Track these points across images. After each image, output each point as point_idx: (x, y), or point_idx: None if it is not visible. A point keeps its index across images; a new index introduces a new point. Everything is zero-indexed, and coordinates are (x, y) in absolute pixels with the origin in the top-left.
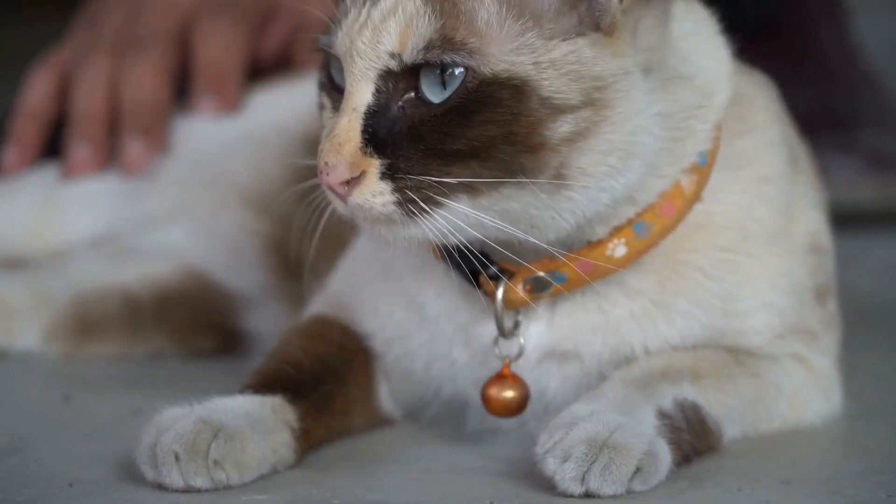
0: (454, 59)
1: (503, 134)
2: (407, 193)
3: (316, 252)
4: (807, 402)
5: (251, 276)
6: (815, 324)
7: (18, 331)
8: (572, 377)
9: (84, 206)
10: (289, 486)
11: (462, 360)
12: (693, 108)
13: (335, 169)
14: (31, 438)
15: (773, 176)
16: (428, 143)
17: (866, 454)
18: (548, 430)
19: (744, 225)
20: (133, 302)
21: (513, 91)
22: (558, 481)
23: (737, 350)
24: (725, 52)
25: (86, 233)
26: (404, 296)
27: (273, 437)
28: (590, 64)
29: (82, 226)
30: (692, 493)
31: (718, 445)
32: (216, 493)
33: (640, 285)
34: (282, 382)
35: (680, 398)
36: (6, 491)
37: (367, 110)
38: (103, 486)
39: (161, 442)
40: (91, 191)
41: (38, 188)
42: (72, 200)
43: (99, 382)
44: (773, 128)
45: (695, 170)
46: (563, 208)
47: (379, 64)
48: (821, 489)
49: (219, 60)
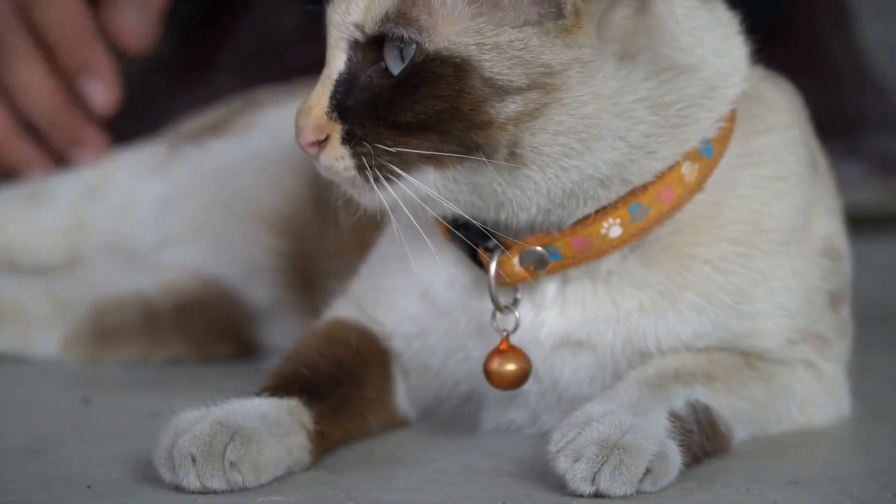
0: (404, 33)
1: (449, 109)
2: (363, 159)
3: (338, 259)
4: (816, 406)
5: (267, 290)
6: (827, 330)
7: (37, 338)
8: (586, 367)
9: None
10: (304, 488)
11: (476, 353)
12: (696, 97)
13: (303, 131)
14: (50, 441)
15: (788, 175)
16: (380, 114)
17: (873, 455)
18: (560, 429)
19: (757, 219)
20: (152, 310)
21: (454, 69)
22: (569, 481)
23: (749, 353)
24: (741, 50)
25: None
26: (418, 287)
27: (289, 439)
28: (536, 52)
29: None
30: (701, 494)
31: (728, 447)
32: (232, 495)
33: (649, 277)
34: (298, 385)
35: (692, 400)
36: (26, 492)
37: (338, 77)
38: (121, 487)
39: (178, 444)
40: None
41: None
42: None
43: (117, 386)
44: (792, 129)
45: (697, 159)
46: (525, 186)
47: (347, 34)
48: (827, 489)
49: None
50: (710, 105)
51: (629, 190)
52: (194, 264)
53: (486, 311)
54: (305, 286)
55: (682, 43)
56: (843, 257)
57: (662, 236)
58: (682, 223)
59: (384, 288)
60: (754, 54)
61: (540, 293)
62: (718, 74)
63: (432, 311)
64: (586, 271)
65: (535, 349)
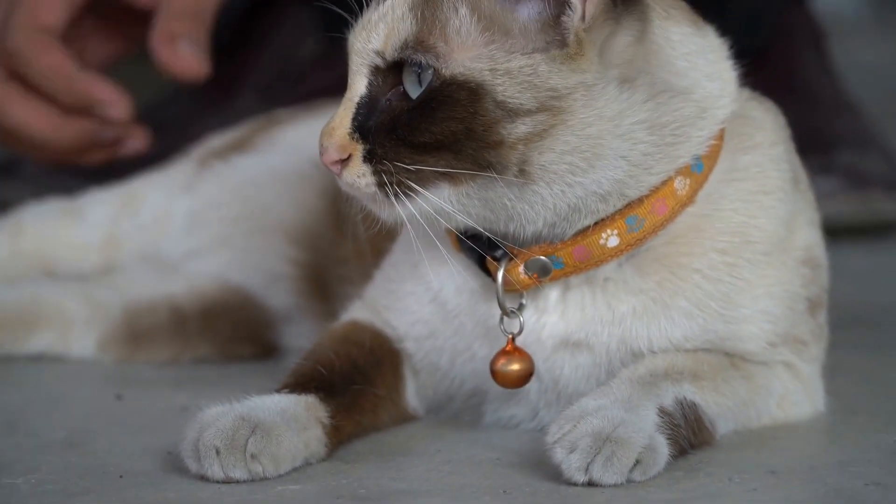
0: (422, 59)
1: (464, 130)
2: (383, 177)
3: (353, 266)
4: (794, 403)
5: (286, 297)
6: (805, 333)
7: (75, 340)
8: (584, 366)
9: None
10: (320, 477)
11: (482, 354)
12: (690, 117)
13: (327, 150)
14: (86, 434)
15: (773, 190)
16: (399, 134)
17: (846, 447)
18: (558, 421)
19: (745, 231)
20: (180, 314)
21: (469, 92)
22: (564, 470)
23: (733, 355)
24: (730, 74)
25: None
26: (429, 292)
27: (306, 432)
28: (545, 77)
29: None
30: (687, 483)
31: (712, 440)
32: (253, 484)
33: (642, 284)
34: (315, 382)
35: (680, 397)
36: (63, 482)
37: (359, 101)
38: (151, 477)
39: (203, 437)
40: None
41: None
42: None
43: (149, 383)
44: (776, 147)
45: (689, 174)
46: (533, 201)
47: (368, 60)
48: (804, 478)
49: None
50: (702, 124)
51: (626, 203)
52: (220, 273)
53: (491, 315)
54: (321, 293)
55: (677, 67)
56: (821, 266)
57: (656, 246)
58: (674, 234)
59: (397, 293)
60: (741, 78)
61: (543, 298)
62: (710, 96)
63: (442, 315)
64: (585, 278)
65: (537, 350)
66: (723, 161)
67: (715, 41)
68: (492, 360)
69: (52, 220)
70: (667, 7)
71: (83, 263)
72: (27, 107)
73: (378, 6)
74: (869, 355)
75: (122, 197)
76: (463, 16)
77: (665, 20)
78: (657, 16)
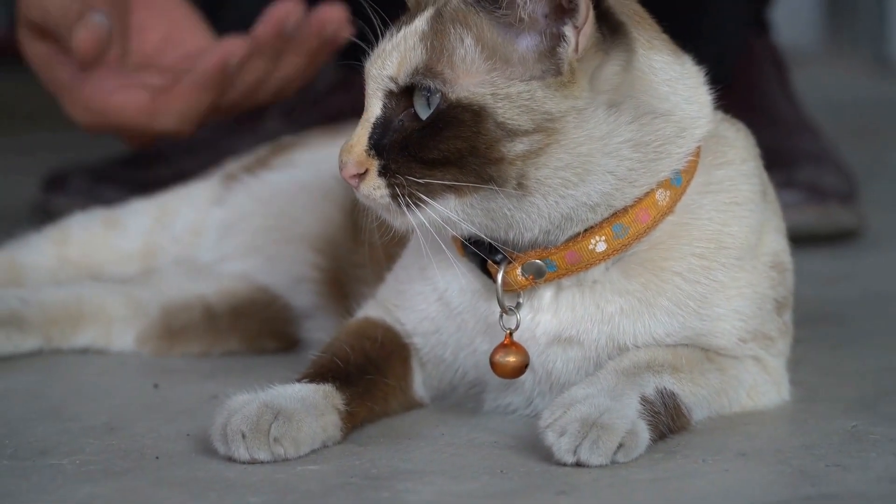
0: (431, 83)
1: (468, 147)
2: (396, 189)
3: (368, 269)
4: (762, 393)
5: (309, 297)
6: (773, 330)
7: (116, 335)
8: (574, 360)
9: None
10: (336, 459)
11: (482, 348)
12: (670, 136)
13: (346, 165)
14: (125, 419)
15: (745, 201)
16: (410, 151)
17: (808, 431)
18: (550, 408)
19: (719, 237)
20: (212, 312)
21: (473, 114)
22: (555, 452)
23: (708, 349)
24: (706, 98)
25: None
26: (435, 292)
27: (324, 418)
28: (540, 101)
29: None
30: (665, 464)
31: (689, 426)
32: (276, 465)
33: (627, 286)
34: (332, 373)
35: (661, 387)
36: (105, 462)
37: (375, 121)
38: (184, 458)
39: (231, 422)
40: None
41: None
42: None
43: (182, 373)
44: (747, 163)
45: (669, 187)
46: (530, 211)
47: (383, 85)
48: (771, 460)
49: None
50: (681, 142)
51: (612, 212)
52: (248, 274)
53: (491, 312)
54: (339, 293)
55: (660, 92)
56: (787, 270)
57: (639, 251)
58: (656, 240)
59: (407, 293)
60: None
61: (538, 298)
62: (688, 118)
63: (447, 313)
64: (576, 281)
65: (532, 345)
66: (699, 175)
67: (692, 68)
68: (491, 352)
69: (95, 230)
70: (650, 38)
71: (125, 269)
72: (123, 92)
73: (392, 37)
74: (829, 350)
75: (157, 209)
76: (468, 46)
77: (648, 49)
78: (641, 46)
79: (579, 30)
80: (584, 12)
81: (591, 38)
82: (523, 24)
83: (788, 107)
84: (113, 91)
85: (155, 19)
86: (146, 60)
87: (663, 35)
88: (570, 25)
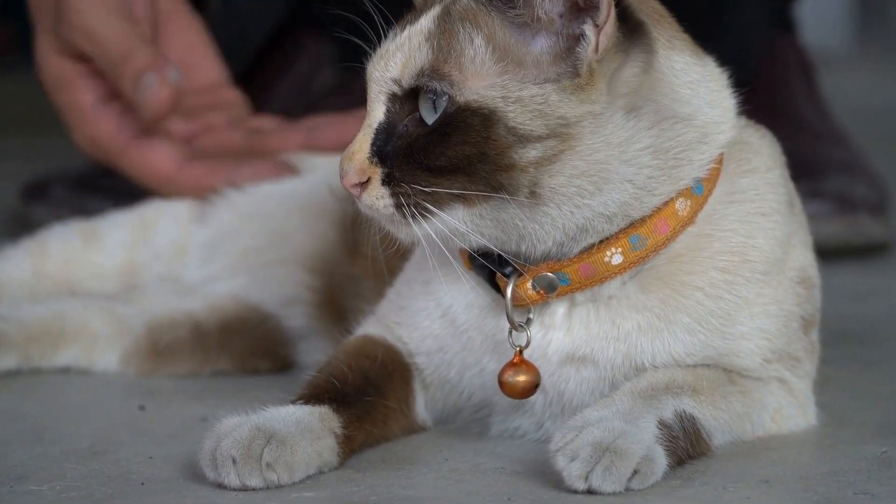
0: (438, 86)
1: (477, 154)
2: (401, 199)
3: (367, 283)
4: (787, 417)
5: (302, 318)
6: (799, 350)
7: (99, 354)
8: (588, 380)
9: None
10: (333, 485)
11: (490, 368)
12: (692, 142)
13: (347, 174)
14: (109, 442)
15: (770, 212)
16: (415, 158)
17: (835, 457)
18: (561, 430)
19: (743, 250)
20: (200, 330)
21: (482, 118)
22: (565, 477)
23: (730, 370)
24: (730, 102)
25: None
26: (439, 308)
27: (319, 442)
28: (555, 106)
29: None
30: (683, 491)
31: (709, 452)
32: (269, 492)
33: (645, 301)
34: (329, 394)
35: (680, 410)
36: (87, 488)
37: (378, 126)
38: (171, 485)
39: (220, 447)
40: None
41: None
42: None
43: (170, 395)
44: (773, 171)
45: (690, 196)
46: (544, 221)
47: (385, 88)
48: (795, 487)
49: None
50: (703, 149)
51: (630, 223)
52: (237, 294)
53: (500, 329)
54: (335, 314)
55: (681, 95)
56: (815, 286)
57: (658, 265)
58: (675, 253)
59: (409, 309)
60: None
61: (549, 314)
62: (711, 122)
63: (451, 331)
64: (591, 296)
65: (543, 364)
66: (722, 184)
67: (715, 70)
68: (500, 371)
69: (73, 244)
70: (670, 37)
71: (105, 285)
72: (156, 151)
73: (395, 37)
74: (858, 370)
75: (137, 221)
76: (478, 46)
77: (669, 50)
78: (662, 46)
79: (600, 29)
80: (605, 10)
81: (611, 37)
82: (540, 23)
83: (815, 112)
84: (147, 146)
85: (174, 44)
86: None
87: (684, 34)
88: (591, 24)
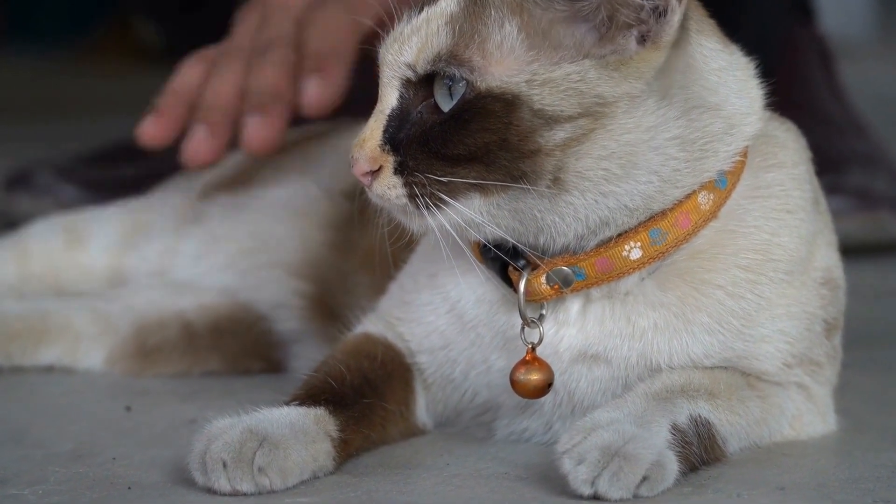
0: (455, 72)
1: (498, 141)
2: (414, 188)
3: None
4: (806, 424)
5: (294, 323)
6: (820, 356)
7: (83, 354)
8: (601, 380)
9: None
10: (328, 491)
11: (498, 366)
12: (718, 133)
13: (357, 162)
14: (94, 445)
15: (796, 209)
16: (430, 146)
17: (854, 463)
18: (569, 432)
19: (767, 248)
20: (190, 329)
21: (505, 104)
22: (570, 481)
23: (749, 373)
24: (757, 92)
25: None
26: (446, 302)
27: (314, 446)
28: (593, 83)
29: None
30: (695, 498)
31: (723, 458)
32: (261, 497)
33: (663, 299)
34: (325, 395)
35: (695, 415)
36: (71, 493)
37: (391, 113)
38: (159, 489)
39: (210, 450)
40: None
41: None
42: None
43: (157, 395)
44: (799, 167)
45: (713, 189)
46: (565, 213)
47: (399, 73)
48: (813, 495)
49: (321, 47)
50: (729, 140)
51: (649, 216)
52: (229, 289)
53: (511, 325)
54: (329, 318)
55: (710, 82)
56: (839, 288)
57: (678, 261)
58: (696, 249)
59: (412, 304)
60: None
61: (563, 310)
62: (738, 113)
63: (458, 326)
64: (606, 292)
65: (554, 362)
66: (746, 178)
67: (742, 59)
68: (512, 369)
69: (57, 244)
70: (699, 19)
71: (91, 286)
72: None
73: (411, 19)
74: (877, 374)
75: (126, 224)
76: (507, 32)
77: (698, 34)
78: (692, 28)
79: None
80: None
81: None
82: (598, 13)
83: (835, 103)
84: None
85: None
86: None
87: (710, 19)
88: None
